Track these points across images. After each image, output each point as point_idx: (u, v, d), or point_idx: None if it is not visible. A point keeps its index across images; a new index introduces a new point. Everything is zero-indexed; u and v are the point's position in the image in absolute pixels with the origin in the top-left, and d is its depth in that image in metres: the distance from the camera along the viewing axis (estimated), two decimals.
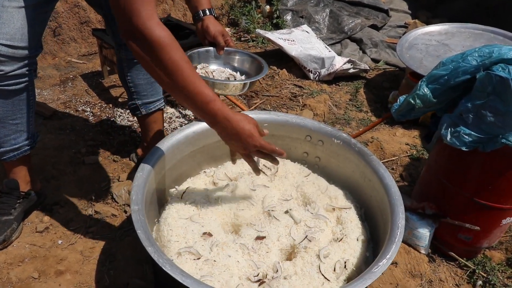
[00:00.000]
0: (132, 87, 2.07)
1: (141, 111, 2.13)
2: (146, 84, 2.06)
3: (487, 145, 1.59)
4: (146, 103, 2.11)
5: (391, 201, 1.50)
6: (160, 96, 2.15)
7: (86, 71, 3.32)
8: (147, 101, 2.11)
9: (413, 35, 3.15)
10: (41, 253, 1.83)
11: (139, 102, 2.10)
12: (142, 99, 2.10)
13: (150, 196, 1.55)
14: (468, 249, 1.94)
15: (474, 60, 1.62)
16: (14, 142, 1.80)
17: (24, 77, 1.68)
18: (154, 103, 2.13)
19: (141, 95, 2.09)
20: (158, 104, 2.15)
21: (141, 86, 2.06)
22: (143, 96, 2.09)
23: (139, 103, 2.10)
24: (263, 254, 1.49)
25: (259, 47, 3.86)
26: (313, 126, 1.83)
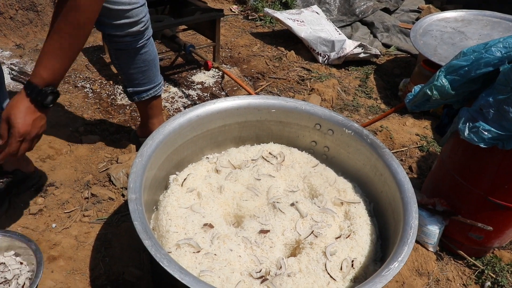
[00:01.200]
0: (122, 75, 1.97)
1: (134, 99, 2.03)
2: (137, 73, 1.94)
3: (507, 142, 1.50)
4: (138, 91, 2.00)
5: (404, 198, 1.42)
6: (154, 84, 2.02)
7: (87, 45, 3.21)
8: (138, 89, 1.99)
9: (428, 20, 3.03)
10: (34, 236, 1.75)
11: (130, 90, 1.99)
12: (134, 87, 1.99)
13: (149, 182, 1.47)
14: (478, 248, 1.87)
15: (498, 52, 1.52)
16: None
17: None
18: (147, 92, 2.01)
19: (132, 83, 1.98)
20: (151, 92, 2.02)
21: (131, 75, 1.94)
22: (135, 84, 1.98)
23: (131, 91, 2.00)
24: (266, 249, 1.41)
25: (267, 27, 3.74)
26: (323, 114, 1.73)
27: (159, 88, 2.05)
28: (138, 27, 1.75)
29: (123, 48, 1.82)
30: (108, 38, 1.80)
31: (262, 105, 1.73)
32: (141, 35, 1.81)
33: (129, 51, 1.84)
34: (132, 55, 1.86)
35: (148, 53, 1.89)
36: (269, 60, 3.20)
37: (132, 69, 1.91)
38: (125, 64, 1.90)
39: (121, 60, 1.89)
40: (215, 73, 3.02)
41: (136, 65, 1.90)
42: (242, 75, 3.01)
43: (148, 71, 1.95)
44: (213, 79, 2.96)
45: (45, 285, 1.59)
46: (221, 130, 1.73)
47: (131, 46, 1.81)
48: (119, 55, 1.87)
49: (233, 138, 1.80)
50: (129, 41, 1.79)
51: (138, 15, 1.73)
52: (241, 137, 1.81)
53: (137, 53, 1.86)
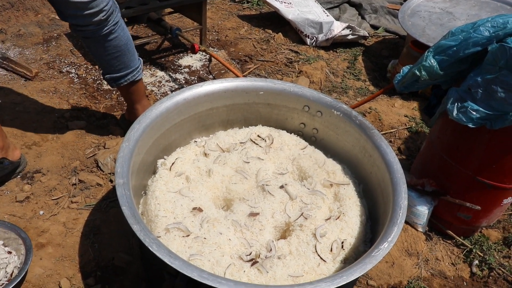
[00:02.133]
0: (97, 62, 1.93)
1: (112, 85, 1.99)
2: (110, 60, 1.88)
3: (495, 122, 1.50)
4: (115, 78, 1.95)
5: (393, 179, 1.42)
6: (131, 68, 1.95)
7: None
8: (115, 75, 1.94)
9: (416, 1, 3.01)
10: (21, 224, 1.73)
11: (107, 76, 1.95)
12: (111, 74, 1.94)
13: (136, 167, 1.45)
14: (467, 227, 1.89)
15: (486, 31, 1.51)
16: None
17: None
18: (125, 77, 1.96)
19: (108, 70, 1.93)
20: (129, 78, 1.97)
21: (105, 62, 1.90)
22: (111, 70, 1.93)
23: (108, 78, 1.96)
24: (256, 231, 1.41)
25: (254, 9, 3.69)
26: (311, 96, 1.72)
27: (137, 72, 2.00)
28: (99, 17, 1.71)
29: (90, 36, 1.78)
30: (73, 27, 1.76)
31: (250, 87, 1.72)
32: (104, 23, 1.76)
33: (96, 39, 1.80)
34: (100, 42, 1.81)
35: (117, 38, 1.84)
36: (256, 43, 3.16)
37: (104, 56, 1.87)
38: (96, 51, 1.86)
39: (91, 48, 1.85)
40: (202, 56, 2.98)
41: (107, 52, 1.85)
42: (229, 58, 2.98)
43: (121, 57, 1.90)
44: (200, 62, 2.93)
45: (34, 272, 1.58)
46: (208, 113, 1.72)
47: (96, 34, 1.77)
48: (88, 44, 1.84)
49: (221, 121, 1.78)
50: (94, 29, 1.75)
51: (98, 5, 1.68)
52: (229, 120, 1.79)
53: (105, 40, 1.81)
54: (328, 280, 1.12)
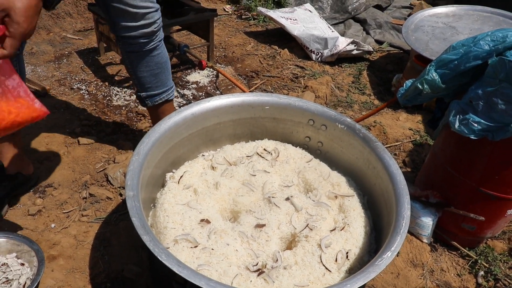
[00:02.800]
0: (135, 79, 1.96)
1: (147, 103, 2.02)
2: (150, 77, 1.94)
3: (496, 134, 1.53)
4: (151, 95, 2.00)
5: (396, 190, 1.45)
6: (167, 87, 2.02)
7: (82, 48, 3.23)
8: (151, 93, 1.99)
9: (419, 16, 3.06)
10: (33, 237, 1.78)
11: (143, 94, 1.99)
12: (147, 91, 1.98)
13: (146, 180, 1.50)
14: (471, 238, 1.90)
15: (486, 45, 1.55)
16: None
17: None
18: (160, 95, 2.01)
19: (145, 87, 1.97)
20: (164, 96, 2.02)
21: (144, 79, 1.94)
22: (148, 88, 1.97)
23: (144, 96, 2.00)
24: (262, 242, 1.44)
25: (260, 25, 3.76)
26: (316, 110, 1.76)
27: (172, 92, 2.05)
28: (152, 28, 1.77)
29: (136, 50, 1.83)
30: (122, 40, 1.81)
31: (255, 102, 1.76)
32: (154, 36, 1.82)
33: (142, 54, 1.85)
34: (145, 57, 1.87)
35: (160, 55, 1.91)
36: (263, 59, 3.22)
37: (145, 72, 1.92)
38: (138, 67, 1.90)
39: (134, 63, 1.89)
40: (209, 72, 3.04)
41: (149, 68, 1.91)
42: (236, 74, 3.04)
43: (160, 74, 1.96)
44: (208, 78, 2.98)
45: (45, 283, 1.62)
46: (216, 127, 1.76)
47: (144, 48, 1.83)
48: (132, 58, 1.88)
49: (228, 135, 1.82)
50: (142, 43, 1.80)
51: (153, 17, 1.75)
52: (236, 134, 1.83)
53: (149, 55, 1.87)
54: None
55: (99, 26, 2.90)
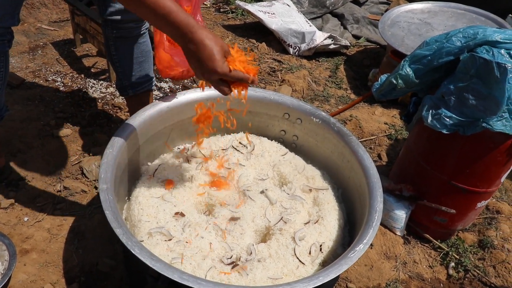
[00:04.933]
0: (119, 67, 1.94)
1: (128, 92, 2.00)
2: (134, 64, 1.93)
3: (467, 128, 1.56)
4: (134, 84, 1.98)
5: (369, 183, 1.47)
6: (149, 77, 2.01)
7: (57, 39, 3.17)
8: (134, 82, 1.98)
9: (396, 12, 3.09)
10: (6, 231, 1.75)
11: (126, 82, 1.97)
12: (129, 80, 1.97)
13: (120, 173, 1.49)
14: (443, 231, 1.94)
15: (458, 41, 1.58)
16: None
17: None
18: (142, 85, 2.00)
19: (128, 75, 1.96)
20: (146, 86, 2.02)
21: (128, 66, 1.93)
22: (131, 76, 1.96)
23: (126, 84, 1.98)
24: (237, 235, 1.45)
25: (239, 19, 3.75)
26: (291, 104, 1.77)
27: (153, 82, 2.05)
28: None
29: (125, 36, 1.83)
30: (111, 24, 1.80)
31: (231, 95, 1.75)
32: (142, 22, 1.83)
33: (129, 39, 1.85)
34: (132, 43, 1.87)
35: (145, 43, 1.92)
36: None
37: (130, 60, 1.91)
38: (124, 53, 1.89)
39: (120, 49, 1.88)
40: None
41: (135, 55, 1.90)
42: None
43: (144, 63, 1.95)
44: None
45: (17, 278, 1.60)
46: (191, 121, 1.75)
47: (132, 34, 1.83)
48: (119, 44, 1.87)
49: None
50: (132, 27, 1.81)
51: None
52: (212, 127, 1.83)
53: (136, 42, 1.87)
54: (305, 280, 1.16)
55: (75, 17, 2.85)
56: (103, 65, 2.90)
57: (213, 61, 1.19)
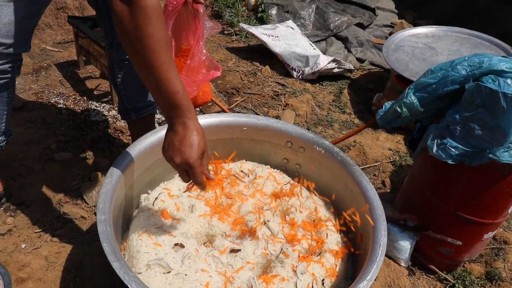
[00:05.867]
0: (123, 89, 1.93)
1: (131, 116, 1.99)
2: (138, 87, 1.92)
3: (473, 159, 1.53)
4: (137, 107, 1.97)
5: (373, 216, 1.44)
6: (152, 101, 1.99)
7: (61, 60, 3.18)
8: (138, 105, 1.96)
9: (400, 36, 3.09)
10: (2, 258, 1.72)
11: (129, 106, 1.96)
12: (133, 103, 1.95)
13: (119, 202, 1.46)
14: (449, 262, 1.90)
15: (463, 70, 1.56)
16: None
17: (5, 73, 1.59)
18: (146, 108, 1.99)
19: (132, 99, 1.94)
20: (149, 110, 2.00)
21: (132, 90, 1.92)
22: (134, 100, 1.94)
23: (129, 107, 1.96)
24: (237, 268, 1.41)
25: (243, 41, 3.76)
26: (294, 132, 1.75)
27: (156, 106, 2.04)
28: None
29: None
30: (117, 47, 1.80)
31: (233, 123, 1.74)
32: None
33: None
34: None
35: None
36: (244, 75, 3.21)
37: (134, 83, 1.90)
38: (128, 77, 1.88)
39: (125, 72, 1.87)
40: None
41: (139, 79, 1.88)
42: (216, 91, 3.02)
43: None
44: None
45: None
46: None
47: None
48: (123, 67, 1.86)
49: None
50: None
51: None
52: (213, 155, 1.81)
53: None
54: None
55: (79, 39, 2.87)
56: (106, 88, 2.89)
57: (191, 152, 1.25)
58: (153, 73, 1.22)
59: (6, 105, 1.69)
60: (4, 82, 1.61)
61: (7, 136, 1.79)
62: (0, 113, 1.68)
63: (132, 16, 1.18)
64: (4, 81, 1.60)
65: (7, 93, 1.66)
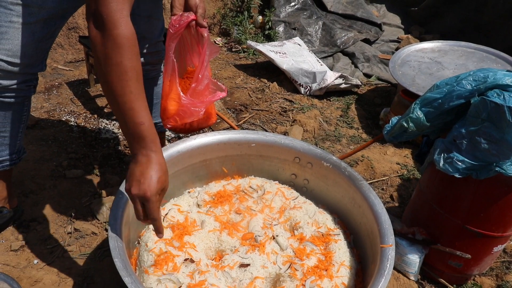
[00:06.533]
0: None
1: None
2: (149, 106, 1.96)
3: (480, 172, 1.54)
4: None
5: (381, 230, 1.45)
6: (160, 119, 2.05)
7: (72, 79, 3.24)
8: None
9: (406, 51, 3.12)
10: (15, 274, 1.74)
11: None
12: None
13: (130, 218, 1.48)
14: (459, 275, 1.89)
15: (468, 85, 1.58)
16: None
17: (21, 92, 1.64)
18: (156, 126, 2.02)
19: None
20: (159, 127, 2.06)
21: None
22: None
23: None
24: (247, 282, 1.43)
25: (250, 58, 3.81)
26: (302, 148, 1.77)
27: None
28: (160, 56, 1.87)
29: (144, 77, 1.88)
30: None
31: (242, 139, 1.77)
32: (158, 65, 1.90)
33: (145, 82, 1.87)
34: (147, 85, 1.89)
35: (160, 85, 1.98)
36: (252, 92, 3.25)
37: None
38: None
39: None
40: None
41: (149, 96, 1.96)
42: (225, 108, 3.05)
43: (158, 104, 2.00)
44: None
45: None
46: (202, 164, 1.76)
47: (149, 76, 1.90)
48: None
49: (214, 172, 1.83)
50: (149, 70, 1.88)
51: (161, 46, 1.85)
52: (222, 171, 1.83)
53: (152, 83, 1.94)
54: None
55: (90, 58, 2.92)
56: None
57: (150, 185, 1.22)
58: (118, 101, 1.22)
59: (22, 123, 1.73)
60: (20, 100, 1.65)
61: (20, 154, 1.83)
62: (15, 131, 1.72)
63: (103, 43, 1.19)
64: (20, 99, 1.65)
65: (23, 111, 1.70)
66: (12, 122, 1.69)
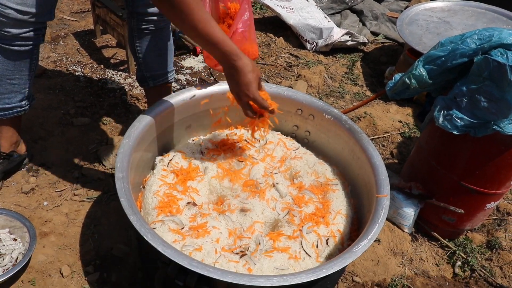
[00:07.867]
0: (141, 58, 2.02)
1: (149, 83, 2.08)
2: (156, 56, 2.01)
3: (478, 130, 1.58)
4: (155, 75, 2.06)
5: (377, 181, 1.49)
6: (170, 69, 2.10)
7: (78, 29, 3.24)
8: (155, 73, 2.05)
9: (415, 10, 3.09)
10: (26, 214, 1.82)
11: (147, 74, 2.05)
12: (151, 71, 2.04)
13: (136, 163, 1.54)
14: (451, 230, 1.96)
15: (473, 43, 1.59)
16: (7, 102, 1.77)
17: (30, 40, 1.67)
18: (163, 76, 2.08)
19: (149, 67, 2.03)
20: (166, 78, 2.10)
21: (150, 58, 2.01)
22: (152, 68, 2.04)
23: (147, 75, 2.06)
24: (246, 226, 1.49)
25: (257, 13, 3.78)
26: (304, 100, 1.80)
27: (172, 74, 2.14)
28: None
29: (149, 28, 1.91)
30: (137, 16, 1.88)
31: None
32: None
33: (154, 32, 1.93)
34: (156, 36, 1.95)
35: (168, 36, 2.00)
36: (258, 46, 3.25)
37: (153, 51, 1.99)
38: (148, 45, 1.97)
39: (144, 41, 1.96)
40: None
41: (157, 47, 1.98)
42: None
43: (165, 55, 2.03)
44: (202, 64, 3.01)
45: (37, 259, 1.67)
46: (207, 114, 1.80)
47: (157, 26, 1.91)
48: (142, 36, 1.94)
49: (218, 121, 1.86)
50: (157, 20, 1.89)
51: None
52: (226, 120, 1.87)
53: (160, 34, 1.95)
54: (309, 272, 1.20)
55: (96, 9, 2.92)
56: (122, 56, 2.96)
57: (249, 87, 1.43)
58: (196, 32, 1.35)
59: (31, 71, 1.76)
60: (29, 48, 1.68)
61: (30, 101, 1.88)
62: (25, 79, 1.76)
63: None
64: (29, 48, 1.68)
65: (32, 59, 1.74)
66: (22, 70, 1.73)
